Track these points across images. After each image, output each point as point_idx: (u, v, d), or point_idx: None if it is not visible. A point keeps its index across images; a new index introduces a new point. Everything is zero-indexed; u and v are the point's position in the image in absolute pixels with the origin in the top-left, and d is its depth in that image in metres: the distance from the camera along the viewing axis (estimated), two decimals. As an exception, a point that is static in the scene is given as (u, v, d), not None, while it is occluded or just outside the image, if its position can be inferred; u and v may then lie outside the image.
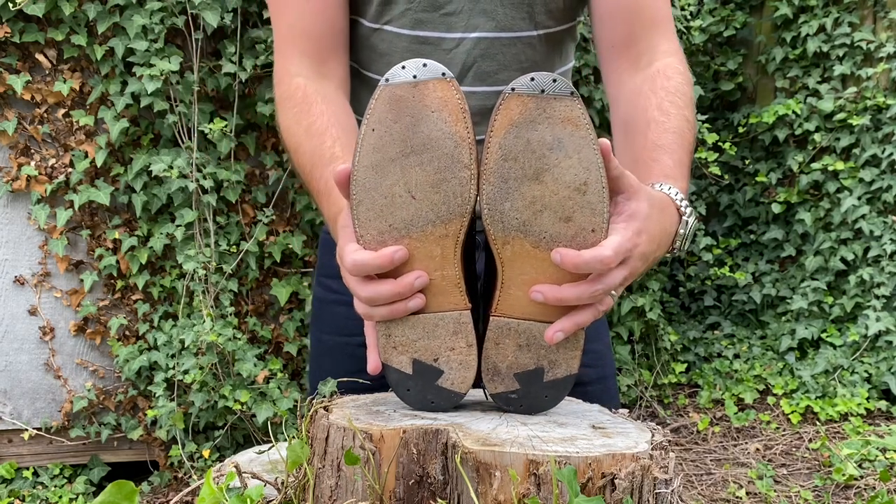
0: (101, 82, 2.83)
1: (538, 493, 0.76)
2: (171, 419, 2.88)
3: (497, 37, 1.12)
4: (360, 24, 1.16)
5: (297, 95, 1.09)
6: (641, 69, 1.11)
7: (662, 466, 0.81)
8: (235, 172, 2.93)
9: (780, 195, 4.13)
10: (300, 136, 1.06)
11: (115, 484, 0.82)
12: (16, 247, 2.90)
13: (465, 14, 1.11)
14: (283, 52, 1.13)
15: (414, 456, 0.82)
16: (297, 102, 1.08)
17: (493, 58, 1.13)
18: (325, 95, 1.10)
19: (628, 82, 1.12)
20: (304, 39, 1.11)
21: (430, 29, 1.12)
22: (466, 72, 1.14)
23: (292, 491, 0.90)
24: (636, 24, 1.12)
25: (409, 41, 1.13)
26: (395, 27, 1.13)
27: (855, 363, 3.70)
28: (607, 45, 1.15)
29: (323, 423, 0.86)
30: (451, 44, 1.12)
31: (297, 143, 1.07)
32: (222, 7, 2.81)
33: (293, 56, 1.12)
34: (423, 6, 1.11)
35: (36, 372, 2.97)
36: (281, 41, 1.14)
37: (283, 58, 1.13)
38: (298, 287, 3.06)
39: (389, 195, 0.81)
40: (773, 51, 4.17)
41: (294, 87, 1.10)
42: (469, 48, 1.12)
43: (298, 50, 1.11)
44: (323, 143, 1.04)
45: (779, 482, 3.11)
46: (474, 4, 1.11)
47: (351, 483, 0.84)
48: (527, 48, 1.15)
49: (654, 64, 1.11)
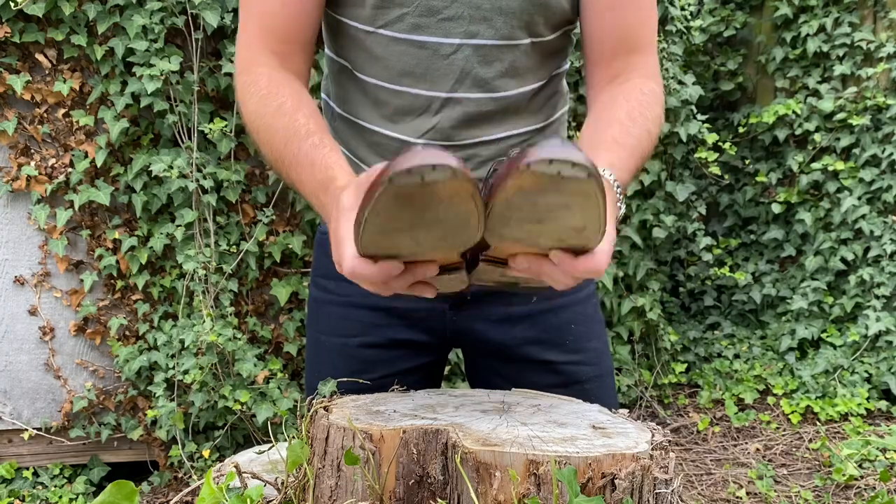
0: (101, 82, 2.83)
1: (538, 493, 0.76)
2: (171, 419, 2.88)
3: (495, 44, 1.12)
4: (353, 28, 1.15)
5: (261, 81, 1.09)
6: (619, 84, 1.15)
7: (662, 466, 0.81)
8: (235, 172, 2.93)
9: (780, 195, 4.13)
10: (269, 116, 1.06)
11: (115, 484, 0.82)
12: (16, 247, 2.90)
13: (464, 20, 1.11)
14: (247, 44, 1.14)
15: (414, 456, 0.82)
16: (263, 86, 1.09)
17: (490, 64, 1.13)
18: (288, 81, 1.10)
19: (605, 92, 1.16)
20: (270, 35, 1.12)
21: (427, 34, 1.11)
22: (464, 78, 1.13)
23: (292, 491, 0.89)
24: (620, 48, 1.15)
25: (406, 46, 1.12)
26: (391, 31, 1.12)
27: (855, 363, 3.70)
28: (591, 59, 1.18)
29: (323, 423, 0.86)
30: (448, 49, 1.12)
31: (266, 123, 1.06)
32: (222, 7, 2.81)
33: (258, 49, 1.13)
34: (421, 11, 1.10)
35: (36, 372, 2.97)
36: (246, 33, 1.15)
37: (247, 50, 1.14)
38: (298, 287, 3.06)
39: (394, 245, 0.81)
40: (773, 51, 4.17)
41: (258, 74, 1.10)
42: (468, 55, 1.12)
43: (264, 44, 1.12)
44: (296, 121, 1.04)
45: (779, 482, 3.11)
46: (474, 11, 1.10)
47: (351, 483, 0.84)
48: (523, 55, 1.15)
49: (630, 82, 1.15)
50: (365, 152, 1.20)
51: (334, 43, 1.21)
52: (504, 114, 1.17)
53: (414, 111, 1.15)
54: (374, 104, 1.18)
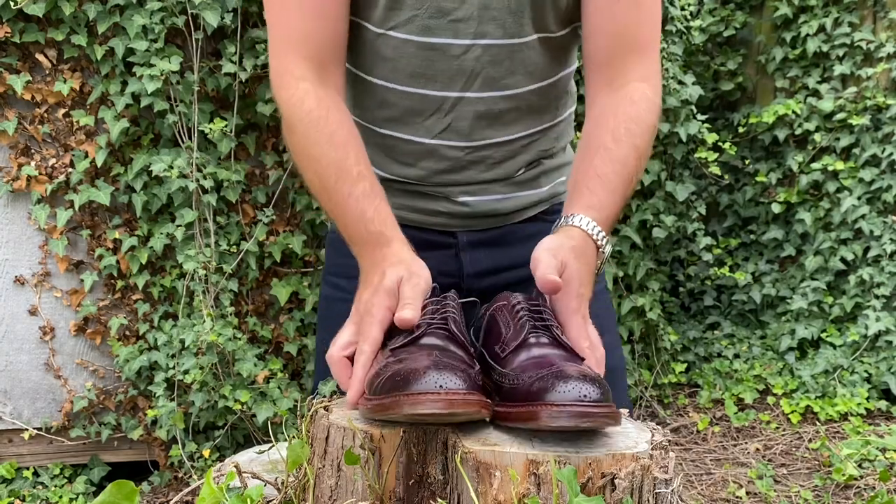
0: (101, 82, 2.83)
1: (538, 493, 0.76)
2: (171, 419, 2.88)
3: (505, 43, 1.12)
4: (363, 29, 1.15)
5: (308, 101, 1.08)
6: (614, 90, 1.13)
7: (662, 466, 0.81)
8: (235, 172, 2.93)
9: (780, 195, 4.13)
10: (322, 145, 1.06)
11: (115, 484, 0.82)
12: (16, 247, 2.90)
13: (473, 21, 1.11)
14: (281, 54, 1.11)
15: (414, 456, 0.82)
16: (312, 108, 1.07)
17: (500, 64, 1.14)
18: (335, 103, 1.10)
19: (599, 100, 1.15)
20: (305, 44, 1.10)
21: (437, 35, 1.11)
22: (475, 78, 1.13)
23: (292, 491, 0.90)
24: (617, 47, 1.14)
25: (416, 47, 1.12)
26: (401, 33, 1.12)
27: (855, 363, 3.70)
28: (589, 59, 1.17)
29: (323, 423, 0.87)
30: (458, 50, 1.12)
31: (319, 152, 1.06)
32: (222, 7, 2.81)
33: (294, 59, 1.10)
34: (431, 13, 1.10)
35: (36, 372, 2.97)
36: (279, 43, 1.12)
37: (282, 60, 1.11)
38: (298, 287, 3.06)
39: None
40: (773, 51, 4.17)
41: (303, 92, 1.09)
42: (478, 55, 1.12)
43: (299, 54, 1.10)
44: (347, 157, 1.05)
45: (779, 482, 3.11)
46: (483, 12, 1.10)
47: (351, 483, 0.84)
48: (532, 53, 1.15)
49: (626, 87, 1.13)
50: (374, 155, 1.20)
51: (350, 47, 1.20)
52: (514, 112, 1.18)
53: (424, 112, 1.15)
54: (381, 106, 1.18)
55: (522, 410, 0.80)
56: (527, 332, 0.91)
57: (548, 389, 0.79)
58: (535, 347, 0.89)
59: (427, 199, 1.21)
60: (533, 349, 0.89)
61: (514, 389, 0.83)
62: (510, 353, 0.89)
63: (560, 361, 0.84)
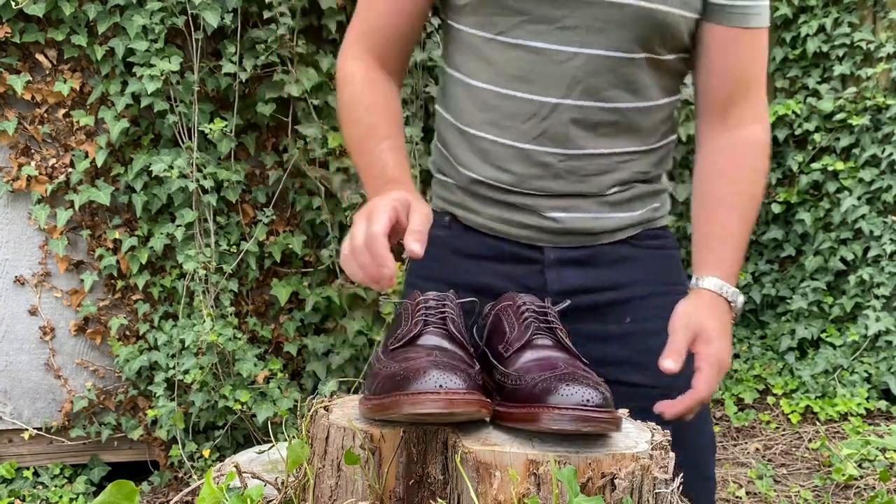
0: (101, 82, 2.83)
1: (538, 493, 0.76)
2: (171, 419, 2.88)
3: (610, 55, 1.14)
4: (469, 34, 1.18)
5: (358, 75, 1.21)
6: (728, 129, 1.21)
7: (662, 466, 0.82)
8: (235, 172, 2.93)
9: (780, 195, 4.13)
10: (361, 111, 1.19)
11: (115, 484, 0.82)
12: (16, 247, 2.90)
13: (581, 30, 1.12)
14: (352, 36, 1.24)
15: (414, 456, 0.82)
16: (359, 81, 1.21)
17: (602, 75, 1.15)
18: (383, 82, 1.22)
19: (713, 140, 1.22)
20: (371, 36, 1.23)
21: (543, 41, 1.13)
22: (575, 85, 1.14)
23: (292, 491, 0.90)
24: (734, 86, 1.20)
25: (521, 51, 1.14)
26: (508, 38, 1.14)
27: (855, 363, 3.70)
28: (704, 95, 1.23)
29: (323, 423, 0.87)
30: (563, 56, 1.13)
31: (356, 116, 1.19)
32: (222, 7, 2.81)
33: (359, 44, 1.23)
34: (540, 19, 1.12)
35: (36, 372, 2.97)
36: (354, 26, 1.25)
37: (351, 45, 1.24)
38: (298, 287, 3.06)
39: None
40: (773, 51, 4.17)
41: (356, 68, 1.22)
42: (581, 63, 1.13)
43: (364, 43, 1.23)
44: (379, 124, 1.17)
45: (779, 482, 3.11)
46: (591, 22, 1.12)
47: (351, 483, 0.84)
48: (639, 71, 1.16)
49: (741, 127, 1.21)
50: (468, 157, 1.21)
51: (446, 50, 1.24)
52: (612, 127, 1.18)
53: (521, 116, 1.17)
54: (481, 109, 1.19)
55: (524, 411, 0.80)
56: (531, 333, 0.91)
57: (550, 392, 0.79)
58: (539, 349, 0.89)
59: (517, 212, 1.21)
60: (537, 350, 0.89)
61: (517, 390, 0.83)
62: (514, 353, 0.89)
63: (563, 364, 0.84)
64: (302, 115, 2.98)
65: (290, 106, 2.98)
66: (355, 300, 3.14)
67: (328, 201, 3.04)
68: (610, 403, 0.79)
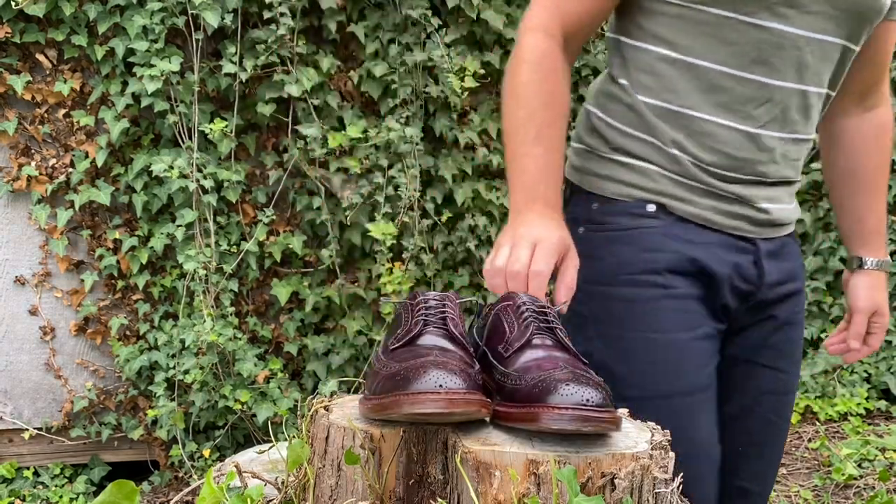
0: (101, 82, 2.84)
1: (538, 493, 0.77)
2: (171, 419, 2.88)
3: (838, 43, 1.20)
4: (696, 10, 1.15)
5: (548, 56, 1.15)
6: (866, 110, 1.37)
7: (662, 466, 0.82)
8: (236, 172, 2.93)
9: (779, 195, 4.13)
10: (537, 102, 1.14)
11: (115, 484, 0.82)
12: (16, 247, 2.91)
13: (821, 17, 1.16)
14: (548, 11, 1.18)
15: (414, 456, 0.82)
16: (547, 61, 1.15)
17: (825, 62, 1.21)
18: (565, 71, 1.18)
19: (850, 120, 1.38)
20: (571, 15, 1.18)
21: (789, 24, 1.15)
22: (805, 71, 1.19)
23: (292, 490, 0.90)
24: (880, 73, 1.35)
25: (766, 34, 1.15)
26: (754, 19, 1.14)
27: (854, 363, 3.70)
28: (853, 89, 1.34)
29: (323, 423, 0.87)
30: (803, 42, 1.17)
31: (533, 107, 1.13)
32: (222, 7, 2.81)
33: (556, 23, 1.17)
34: (788, 2, 1.14)
35: (36, 372, 2.97)
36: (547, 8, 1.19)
37: (543, 16, 1.18)
38: (298, 287, 3.06)
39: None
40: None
41: (546, 46, 1.16)
42: (815, 49, 1.18)
43: (560, 21, 1.17)
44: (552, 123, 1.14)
45: (778, 482, 3.11)
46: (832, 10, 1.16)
47: (351, 483, 0.84)
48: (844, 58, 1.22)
49: (876, 109, 1.37)
50: (684, 140, 1.19)
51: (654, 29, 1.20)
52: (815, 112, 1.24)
53: (757, 99, 1.17)
54: (707, 91, 1.18)
55: (524, 411, 0.80)
56: (531, 333, 0.91)
57: (550, 391, 0.79)
58: (539, 349, 0.89)
59: (732, 203, 1.22)
60: (537, 350, 0.89)
61: (516, 390, 0.83)
62: (514, 352, 0.89)
63: (563, 364, 0.84)
64: (302, 115, 2.99)
65: (290, 106, 2.99)
66: (355, 300, 3.14)
67: (328, 201, 3.05)
68: (610, 403, 0.79)
